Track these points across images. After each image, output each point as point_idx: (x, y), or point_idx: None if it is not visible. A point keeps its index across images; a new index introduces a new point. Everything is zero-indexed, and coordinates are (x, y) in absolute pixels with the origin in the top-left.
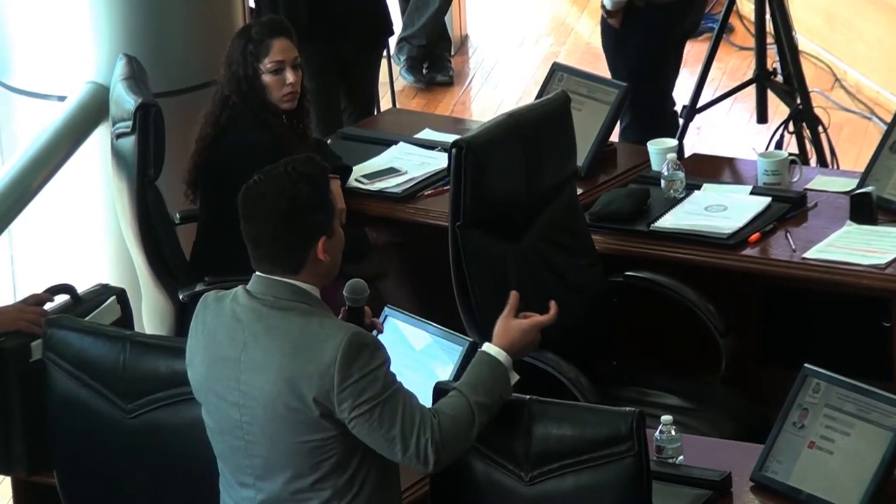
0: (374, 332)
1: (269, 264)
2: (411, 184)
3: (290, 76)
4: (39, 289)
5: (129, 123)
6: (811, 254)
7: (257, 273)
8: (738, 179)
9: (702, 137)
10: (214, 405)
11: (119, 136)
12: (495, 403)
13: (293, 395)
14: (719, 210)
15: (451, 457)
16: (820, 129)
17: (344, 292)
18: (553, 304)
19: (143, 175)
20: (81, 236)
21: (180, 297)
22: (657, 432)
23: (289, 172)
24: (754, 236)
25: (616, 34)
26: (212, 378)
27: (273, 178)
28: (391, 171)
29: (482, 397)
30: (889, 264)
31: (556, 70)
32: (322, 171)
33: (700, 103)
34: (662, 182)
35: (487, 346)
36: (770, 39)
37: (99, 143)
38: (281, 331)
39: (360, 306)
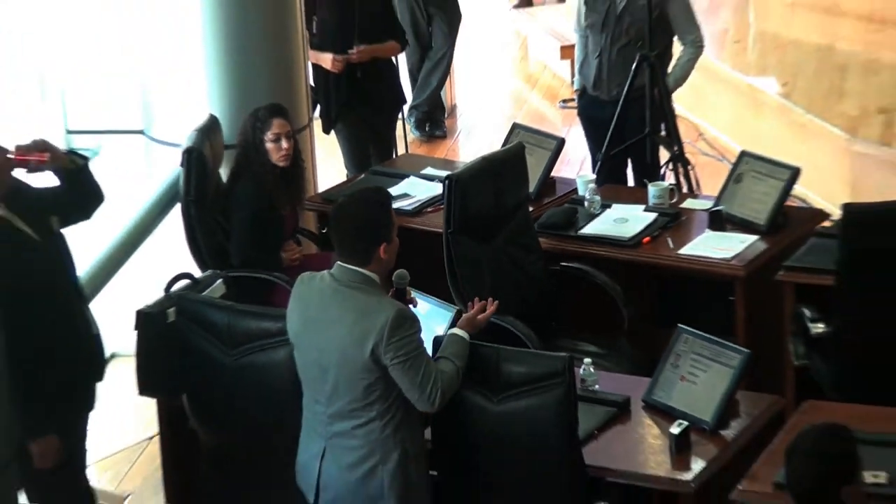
0: (411, 305)
1: (348, 257)
2: (418, 204)
3: (284, 144)
4: (168, 275)
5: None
6: (684, 251)
7: (338, 263)
8: (635, 201)
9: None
10: (305, 348)
11: None
12: (465, 363)
13: (357, 346)
14: (623, 222)
15: (447, 400)
16: (690, 167)
17: (392, 278)
18: (494, 302)
19: (186, 195)
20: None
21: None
22: (581, 369)
23: (367, 198)
24: (646, 239)
25: None
26: (304, 331)
27: (356, 201)
28: (405, 196)
29: (460, 361)
30: (733, 258)
31: (516, 128)
32: (387, 197)
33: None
34: (586, 203)
35: (456, 330)
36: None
37: None
38: (352, 303)
39: (403, 287)
